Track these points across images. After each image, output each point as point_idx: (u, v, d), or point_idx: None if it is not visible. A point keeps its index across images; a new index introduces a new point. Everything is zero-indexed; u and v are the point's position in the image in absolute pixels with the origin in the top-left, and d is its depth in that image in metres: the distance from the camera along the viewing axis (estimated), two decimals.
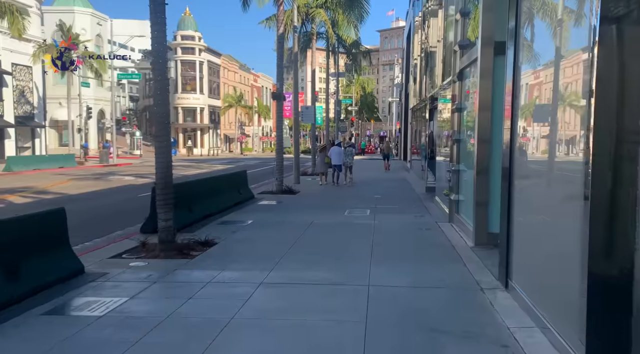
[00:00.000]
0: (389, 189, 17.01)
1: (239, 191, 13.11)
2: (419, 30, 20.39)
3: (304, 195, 15.00)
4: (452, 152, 9.60)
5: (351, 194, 15.23)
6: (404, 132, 32.10)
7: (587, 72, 3.45)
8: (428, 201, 13.15)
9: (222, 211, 11.11)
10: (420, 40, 19.54)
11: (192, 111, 66.92)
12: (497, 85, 7.31)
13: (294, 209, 11.91)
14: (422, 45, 18.72)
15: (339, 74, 34.69)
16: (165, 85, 7.33)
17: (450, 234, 8.55)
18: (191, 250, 7.36)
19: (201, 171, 27.52)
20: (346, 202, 13.08)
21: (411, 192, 15.68)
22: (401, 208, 12.00)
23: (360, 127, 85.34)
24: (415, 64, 22.14)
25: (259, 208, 12.08)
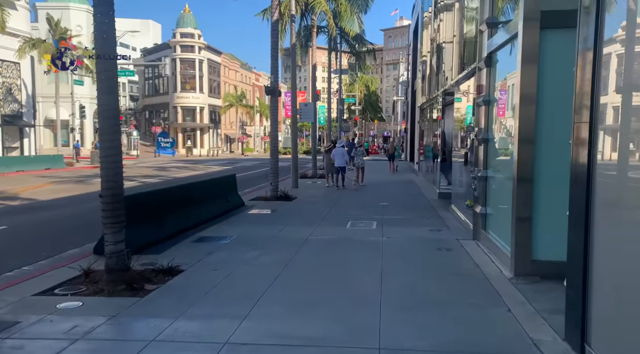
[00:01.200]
0: (397, 194, 15.30)
1: (226, 199, 11.43)
2: (428, 25, 18.70)
3: (302, 202, 13.32)
4: (477, 155, 7.90)
5: (354, 201, 13.55)
6: (411, 132, 30.36)
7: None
8: (443, 210, 11.45)
9: (203, 223, 9.44)
10: (431, 35, 17.86)
11: (191, 110, 65.32)
12: (547, 69, 5.62)
13: (288, 220, 10.23)
14: (433, 38, 17.03)
15: (341, 71, 33.00)
16: (112, 66, 5.65)
17: (478, 258, 6.84)
18: (147, 282, 5.68)
19: (194, 173, 25.88)
20: (349, 211, 11.39)
21: (422, 199, 13.97)
22: (412, 219, 10.30)
23: (364, 127, 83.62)
24: (424, 60, 20.43)
25: (247, 219, 10.40)
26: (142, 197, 7.70)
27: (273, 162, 13.87)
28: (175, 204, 8.77)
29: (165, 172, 26.63)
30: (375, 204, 12.63)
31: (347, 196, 14.74)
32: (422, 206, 12.34)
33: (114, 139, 5.70)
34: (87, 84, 49.52)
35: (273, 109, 13.77)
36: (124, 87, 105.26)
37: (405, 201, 13.46)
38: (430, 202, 13.13)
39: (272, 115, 13.79)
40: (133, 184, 19.39)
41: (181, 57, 63.99)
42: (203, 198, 10.01)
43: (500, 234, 6.77)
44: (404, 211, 11.41)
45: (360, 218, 10.33)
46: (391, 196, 14.63)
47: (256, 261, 6.77)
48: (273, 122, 13.88)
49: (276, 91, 13.64)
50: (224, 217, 10.44)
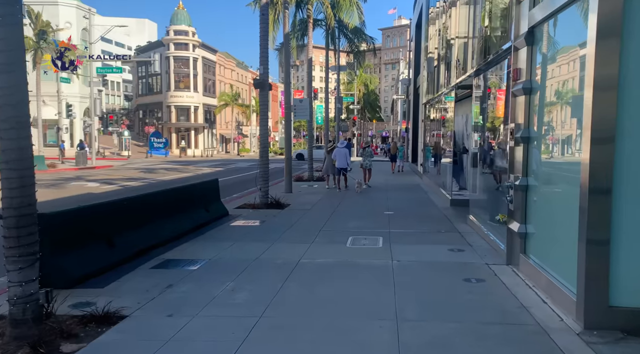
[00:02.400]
0: (403, 200, 13.65)
1: (206, 208, 9.76)
2: (435, 21, 17.08)
3: (295, 210, 11.65)
4: (513, 157, 6.25)
5: (355, 209, 11.89)
6: (413, 132, 28.71)
7: None
8: (459, 222, 9.80)
9: (173, 239, 7.77)
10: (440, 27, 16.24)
11: (185, 109, 63.62)
12: (633, 44, 3.99)
13: (277, 234, 8.56)
14: (444, 29, 15.40)
15: (339, 68, 31.35)
16: (17, 34, 3.96)
17: (522, 294, 5.18)
18: (67, 338, 4.03)
19: (182, 175, 24.19)
20: (349, 222, 9.74)
21: (431, 207, 12.31)
22: (425, 234, 8.65)
23: (362, 127, 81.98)
24: (430, 57, 18.81)
25: (229, 234, 8.71)
26: (83, 213, 6.02)
27: (262, 165, 12.21)
28: (135, 219, 7.10)
29: (152, 174, 24.94)
30: (379, 213, 10.98)
31: (347, 202, 13.09)
32: (434, 216, 10.68)
33: (20, 137, 4.03)
34: (77, 82, 47.89)
35: (262, 104, 12.11)
36: (118, 86, 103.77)
37: (414, 209, 11.80)
38: (441, 210, 11.48)
39: (262, 111, 12.13)
40: (111, 188, 17.72)
41: (175, 55, 62.27)
42: (174, 209, 8.34)
43: (553, 263, 5.11)
44: (414, 223, 9.76)
45: (363, 232, 8.68)
46: (397, 203, 12.97)
47: (229, 299, 5.11)
48: (262, 119, 12.22)
49: (266, 84, 11.99)
50: (200, 231, 8.77)
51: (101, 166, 32.53)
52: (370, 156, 18.23)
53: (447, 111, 14.51)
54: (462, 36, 11.18)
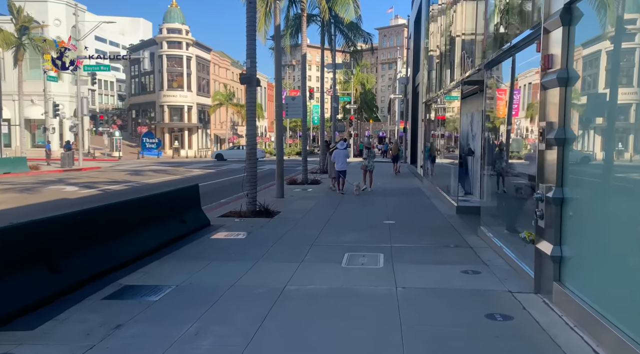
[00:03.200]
0: (404, 206, 12.54)
1: (182, 219, 8.62)
2: (438, 14, 16.01)
3: (286, 219, 10.54)
4: (543, 163, 5.16)
5: (352, 217, 10.78)
6: (412, 132, 27.65)
7: None
8: (468, 233, 8.71)
9: (138, 258, 6.64)
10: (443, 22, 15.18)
11: (179, 109, 62.37)
12: None
13: (263, 250, 7.44)
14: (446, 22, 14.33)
15: (335, 66, 30.24)
16: None
17: (565, 340, 4.07)
18: None
19: (170, 178, 23.03)
20: (345, 234, 8.62)
21: (435, 214, 11.22)
22: (432, 249, 7.54)
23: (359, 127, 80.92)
24: (431, 53, 17.76)
25: (206, 250, 7.58)
26: (16, 231, 4.88)
27: (250, 168, 11.09)
28: (91, 236, 5.96)
29: (138, 177, 23.76)
30: (378, 223, 9.87)
31: (343, 209, 11.98)
32: (440, 227, 9.58)
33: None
34: (67, 81, 46.61)
35: (250, 102, 10.98)
36: (112, 85, 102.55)
37: (416, 218, 10.70)
38: (447, 219, 10.38)
39: (249, 109, 11.00)
40: (89, 192, 16.56)
41: (168, 54, 61.04)
42: (142, 222, 7.20)
43: (603, 297, 4.01)
44: (418, 235, 8.65)
45: (361, 247, 7.58)
46: (397, 210, 11.87)
47: (190, 347, 3.98)
48: (249, 118, 11.08)
49: (253, 79, 10.86)
50: (174, 247, 7.64)
51: (88, 167, 31.32)
52: (374, 157, 17.16)
53: (450, 109, 13.43)
54: (470, 26, 10.09)
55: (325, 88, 30.87)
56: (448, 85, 13.01)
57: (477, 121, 12.74)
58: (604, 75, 4.25)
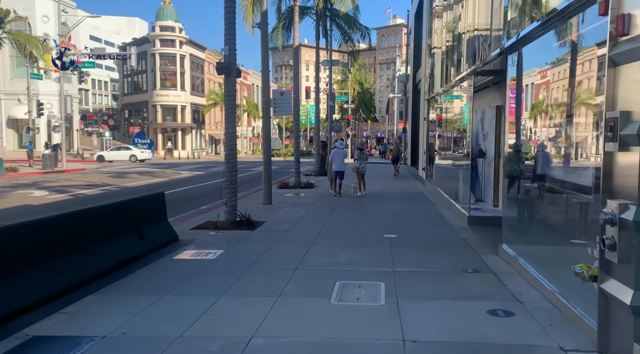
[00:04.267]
0: (407, 215, 11.03)
1: (141, 234, 7.11)
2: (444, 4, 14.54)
3: (269, 231, 9.02)
4: (612, 169, 3.65)
5: (347, 229, 9.27)
6: (413, 132, 26.15)
7: None
8: (486, 250, 7.22)
9: (66, 292, 5.12)
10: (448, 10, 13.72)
11: (172, 109, 60.77)
12: None
13: (231, 278, 5.92)
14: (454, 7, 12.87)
15: (331, 61, 28.74)
16: None
17: None
18: None
19: (155, 181, 21.49)
20: (337, 254, 7.10)
21: (444, 226, 9.70)
22: (446, 274, 6.03)
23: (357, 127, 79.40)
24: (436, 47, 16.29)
25: (160, 277, 6.04)
26: None
27: (229, 172, 9.57)
28: (7, 259, 4.44)
29: (120, 179, 22.21)
30: (377, 237, 8.37)
31: (338, 218, 10.47)
32: (451, 241, 8.06)
33: None
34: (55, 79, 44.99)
35: (228, 95, 9.45)
36: (106, 85, 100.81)
37: (422, 230, 9.18)
38: (458, 232, 8.86)
39: (227, 104, 9.48)
40: (59, 197, 15.01)
41: (161, 52, 59.46)
42: (82, 241, 5.68)
43: None
44: (427, 254, 7.13)
45: (357, 272, 6.06)
46: (399, 219, 10.37)
47: None
48: (228, 114, 9.55)
49: (232, 69, 9.34)
50: (123, 272, 6.12)
51: (72, 169, 29.73)
52: (366, 159, 15.70)
53: (459, 105, 11.94)
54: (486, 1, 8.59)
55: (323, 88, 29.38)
56: (455, 77, 11.50)
57: (489, 118, 11.25)
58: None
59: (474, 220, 9.40)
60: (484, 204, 11.01)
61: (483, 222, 9.32)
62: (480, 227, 8.99)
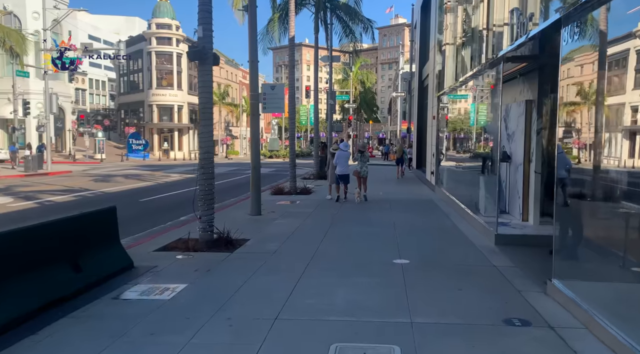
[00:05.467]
0: (419, 230, 9.28)
1: (76, 264, 5.40)
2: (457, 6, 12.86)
3: (251, 255, 7.32)
4: None
5: (348, 249, 7.55)
6: (418, 133, 24.41)
7: None
8: (530, 287, 5.49)
9: None
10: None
11: (168, 108, 59.10)
12: None
13: (183, 335, 4.21)
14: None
15: (332, 58, 27.07)
16: None
17: None
18: None
19: (140, 185, 19.80)
20: (334, 290, 5.39)
21: (465, 245, 7.96)
22: (484, 329, 4.31)
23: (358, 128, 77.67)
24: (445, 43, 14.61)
25: (85, 334, 4.33)
26: None
27: (204, 180, 7.86)
28: None
29: (103, 183, 20.53)
30: (385, 262, 6.65)
31: (337, 234, 8.75)
32: (480, 272, 6.32)
33: None
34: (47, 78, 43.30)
35: (203, 86, 7.73)
36: (104, 85, 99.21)
37: (440, 252, 7.43)
38: (486, 255, 7.12)
39: (203, 97, 7.76)
40: (22, 205, 13.31)
41: (157, 51, 57.80)
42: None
43: None
44: (452, 293, 5.39)
45: (360, 323, 4.36)
46: (410, 235, 8.63)
47: None
48: (204, 110, 7.83)
49: (207, 54, 7.65)
50: (41, 321, 4.42)
51: (57, 171, 28.06)
52: (367, 161, 14.02)
53: (480, 99, 10.20)
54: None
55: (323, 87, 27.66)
56: (474, 67, 9.76)
57: (515, 115, 9.52)
58: None
59: (503, 239, 7.67)
60: (510, 217, 9.29)
61: (514, 242, 7.60)
62: (512, 249, 7.26)
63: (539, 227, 8.38)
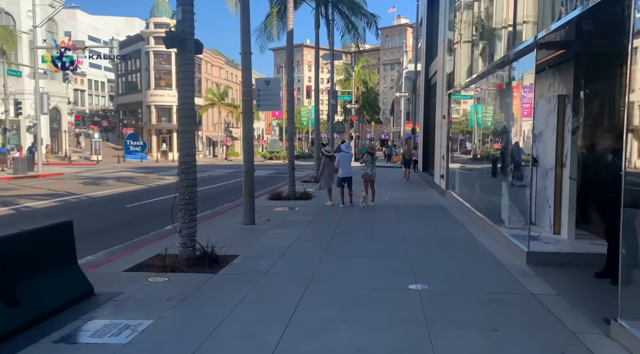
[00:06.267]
0: (434, 245, 8.10)
1: (13, 295, 4.27)
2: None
3: (237, 275, 6.18)
4: None
5: (352, 270, 6.40)
6: (424, 134, 23.24)
7: None
8: (585, 326, 4.33)
9: None
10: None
11: (167, 109, 57.91)
12: None
13: None
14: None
15: (333, 56, 25.95)
16: None
17: None
18: None
19: (132, 188, 18.68)
20: (337, 334, 4.24)
21: (492, 265, 6.79)
22: None
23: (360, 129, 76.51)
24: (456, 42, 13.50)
25: None
26: None
27: (184, 187, 6.72)
28: None
29: (92, 187, 19.42)
30: (399, 288, 5.50)
31: (340, 249, 7.61)
32: (517, 303, 5.14)
33: None
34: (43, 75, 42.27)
35: (184, 77, 6.62)
36: (103, 86, 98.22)
37: (463, 275, 6.25)
38: (518, 278, 5.95)
39: (183, 89, 6.65)
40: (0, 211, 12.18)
41: (155, 50, 56.65)
42: None
43: None
44: (486, 335, 4.24)
45: None
46: (425, 252, 7.47)
47: None
48: (183, 104, 6.72)
49: (188, 40, 6.53)
50: None
51: (48, 174, 26.95)
52: (373, 164, 12.89)
53: (503, 95, 9.04)
54: None
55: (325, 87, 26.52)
56: (498, 58, 8.60)
57: (544, 113, 8.36)
58: None
59: (536, 257, 6.50)
60: (538, 229, 8.13)
61: (550, 261, 6.45)
62: (549, 271, 6.11)
63: (575, 242, 7.23)
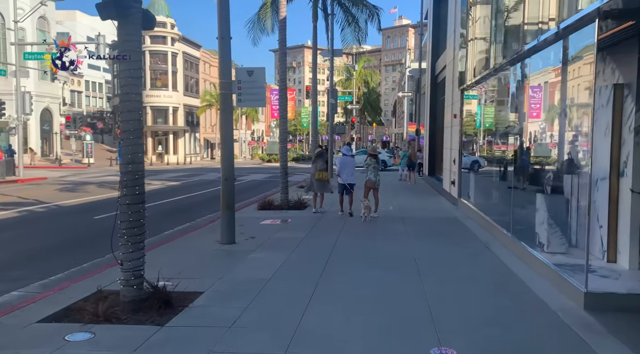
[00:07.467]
0: (457, 278, 6.38)
1: None
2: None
3: (194, 329, 4.51)
4: None
5: (351, 318, 4.72)
6: (430, 135, 21.58)
7: None
8: None
9: None
10: None
11: (163, 110, 56.46)
12: None
13: None
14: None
15: (333, 52, 24.31)
16: None
17: None
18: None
19: (114, 194, 17.07)
20: None
21: (539, 311, 5.09)
22: None
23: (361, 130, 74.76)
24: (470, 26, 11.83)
25: None
26: None
27: (128, 205, 5.05)
28: None
29: (69, 194, 17.82)
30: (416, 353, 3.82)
31: (336, 287, 5.93)
32: None
33: None
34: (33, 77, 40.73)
35: (126, 60, 4.98)
36: (101, 87, 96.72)
37: (504, 328, 4.53)
38: (580, 335, 4.24)
39: (124, 75, 5.02)
40: None
41: (151, 50, 55.13)
42: None
43: None
44: None
45: None
46: (446, 289, 5.77)
47: None
48: (126, 95, 5.08)
49: (132, 9, 4.88)
50: None
51: (29, 178, 25.32)
52: (377, 169, 11.20)
53: (538, 86, 7.36)
54: None
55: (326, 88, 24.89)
56: (548, 32, 6.92)
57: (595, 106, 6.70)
58: None
59: (599, 301, 4.81)
60: (583, 253, 6.41)
61: (615, 304, 4.76)
62: (618, 320, 4.42)
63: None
